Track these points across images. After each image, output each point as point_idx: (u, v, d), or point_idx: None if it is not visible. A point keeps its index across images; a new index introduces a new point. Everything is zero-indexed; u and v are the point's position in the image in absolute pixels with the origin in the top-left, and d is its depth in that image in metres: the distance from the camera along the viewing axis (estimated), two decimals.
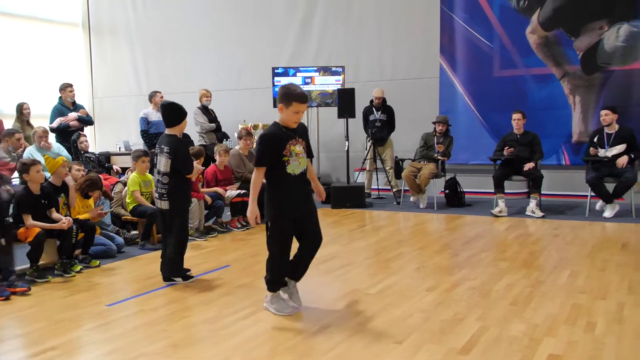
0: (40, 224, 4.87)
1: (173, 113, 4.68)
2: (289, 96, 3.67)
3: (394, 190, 9.02)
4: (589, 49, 8.74)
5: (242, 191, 7.11)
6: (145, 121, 8.83)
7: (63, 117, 8.38)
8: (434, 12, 9.70)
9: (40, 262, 4.90)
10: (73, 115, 8.43)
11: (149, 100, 9.08)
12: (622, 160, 7.15)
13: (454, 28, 9.59)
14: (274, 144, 3.67)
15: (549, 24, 8.99)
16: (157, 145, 4.74)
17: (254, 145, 9.31)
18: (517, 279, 4.54)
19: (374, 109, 9.25)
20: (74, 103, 8.66)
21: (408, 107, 9.75)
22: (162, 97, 8.83)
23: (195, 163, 5.07)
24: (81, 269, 5.11)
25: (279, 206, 3.73)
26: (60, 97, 8.58)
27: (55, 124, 8.35)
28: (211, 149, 8.02)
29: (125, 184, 6.51)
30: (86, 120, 8.65)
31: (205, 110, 9.34)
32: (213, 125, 9.35)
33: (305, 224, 3.84)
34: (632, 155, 7.19)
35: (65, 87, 8.58)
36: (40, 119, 9.00)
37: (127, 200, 6.30)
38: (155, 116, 8.76)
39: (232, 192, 7.09)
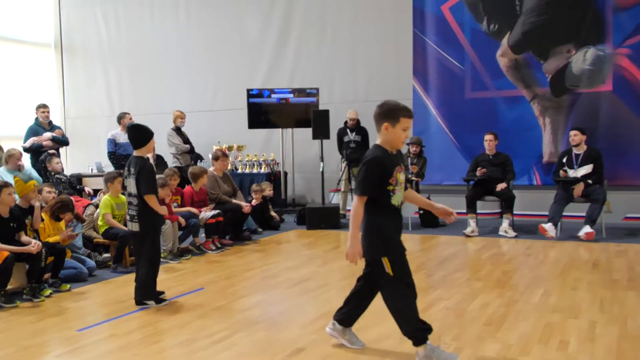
0: (9, 247, 4.77)
1: (139, 134, 4.67)
2: (395, 111, 3.21)
3: None
4: (557, 71, 8.92)
5: (217, 211, 7.08)
6: (112, 143, 8.73)
7: (37, 137, 8.28)
8: (406, 34, 9.82)
9: (9, 287, 4.80)
10: (47, 135, 8.33)
11: (117, 122, 9.00)
12: (579, 190, 7.26)
13: (427, 50, 9.71)
14: (382, 170, 3.15)
15: (519, 47, 9.17)
16: (125, 168, 4.73)
17: (229, 167, 9.36)
18: (491, 299, 4.56)
19: (348, 130, 9.28)
20: (50, 123, 8.58)
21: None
22: (130, 119, 8.77)
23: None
24: (51, 293, 5.01)
25: (391, 241, 3.17)
26: (36, 118, 8.51)
27: (28, 144, 8.23)
28: (186, 170, 7.99)
29: (97, 206, 6.42)
30: (61, 141, 8.54)
31: (179, 131, 9.33)
32: (187, 146, 9.33)
33: None
34: (594, 177, 7.27)
35: (39, 107, 8.52)
36: (12, 140, 8.87)
37: (99, 222, 6.21)
38: (124, 138, 8.66)
39: (206, 213, 7.04)
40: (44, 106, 8.57)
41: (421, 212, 8.46)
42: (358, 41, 10.28)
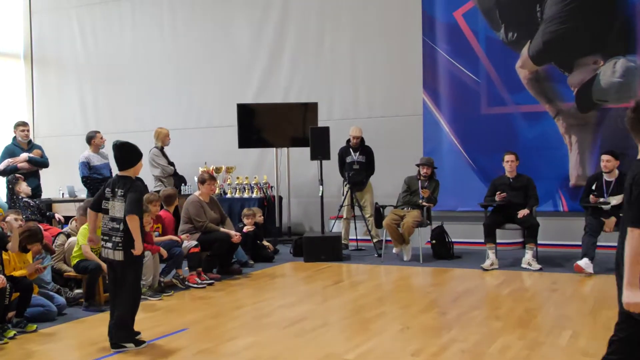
0: None
1: (129, 154, 4.72)
2: None
3: (375, 240, 9.00)
4: (583, 85, 8.95)
5: (194, 242, 7.07)
6: (86, 166, 8.62)
7: (12, 158, 8.28)
8: (415, 44, 9.89)
9: None
10: (23, 156, 8.31)
11: (87, 142, 8.85)
12: (610, 225, 7.16)
13: (438, 61, 9.77)
14: None
15: (540, 57, 9.22)
16: (107, 189, 4.72)
17: (217, 191, 9.37)
18: (512, 340, 4.52)
19: (351, 149, 9.31)
20: (29, 142, 8.58)
21: (388, 147, 9.87)
22: (102, 138, 8.78)
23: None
24: (15, 334, 4.96)
25: None
26: (14, 137, 8.51)
27: (2, 166, 8.23)
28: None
29: (68, 236, 6.38)
30: (39, 162, 8.50)
31: (163, 152, 9.38)
32: (172, 168, 9.39)
33: None
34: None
35: (18, 125, 8.51)
36: None
37: (73, 253, 6.15)
38: (97, 159, 8.66)
39: (189, 242, 7.03)
40: (24, 124, 8.56)
41: (433, 241, 8.45)
42: (360, 51, 10.38)
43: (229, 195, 10.23)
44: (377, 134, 9.82)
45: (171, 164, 9.46)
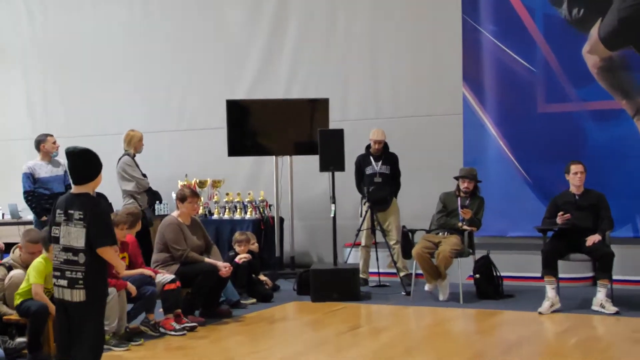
0: None
1: (88, 164, 4.69)
2: None
3: (402, 275, 8.99)
4: None
5: (171, 276, 7.00)
6: (30, 178, 8.63)
7: None
8: (452, 23, 9.90)
9: None
10: None
11: (35, 148, 8.88)
12: None
13: (482, 46, 9.77)
14: None
15: (614, 40, 9.18)
16: (57, 211, 4.69)
17: (200, 211, 9.42)
18: None
19: (371, 158, 9.32)
20: None
21: (418, 155, 9.83)
22: (54, 144, 8.80)
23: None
24: None
25: None
26: None
27: None
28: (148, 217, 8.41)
29: (9, 268, 6.31)
30: None
31: (135, 161, 9.25)
32: (148, 181, 9.31)
33: None
34: None
35: None
36: None
37: (19, 290, 6.05)
38: (46, 170, 8.66)
39: (165, 276, 6.98)
40: None
41: (477, 276, 8.42)
42: (382, 33, 10.40)
43: (215, 216, 10.23)
44: (404, 139, 9.77)
45: (144, 176, 9.37)
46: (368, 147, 9.36)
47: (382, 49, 10.39)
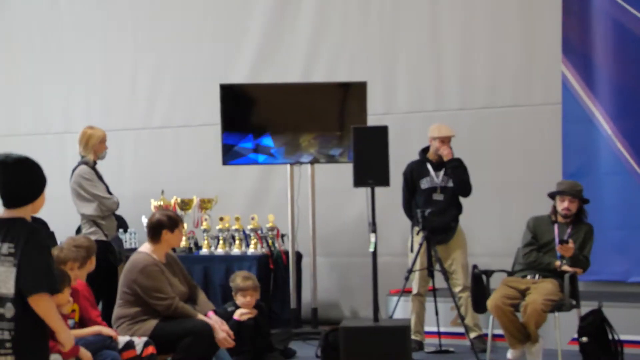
0: None
1: (27, 178, 4.78)
2: None
3: (472, 336, 8.98)
4: None
5: (144, 338, 7.05)
6: None
7: None
8: None
9: None
10: None
11: None
12: None
13: (591, 3, 9.79)
14: None
15: None
16: None
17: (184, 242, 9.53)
18: None
19: (429, 166, 9.35)
20: None
21: (496, 164, 9.92)
22: None
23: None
24: None
25: None
26: None
27: None
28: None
29: None
30: None
31: (96, 170, 9.38)
32: (117, 200, 9.41)
33: None
34: None
35: None
36: None
37: None
38: None
39: (133, 339, 7.03)
40: None
41: (583, 339, 8.23)
42: None
43: (205, 251, 10.26)
44: (474, 140, 9.94)
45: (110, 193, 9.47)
46: (424, 150, 9.35)
47: (444, 14, 10.47)
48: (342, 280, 10.89)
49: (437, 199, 9.24)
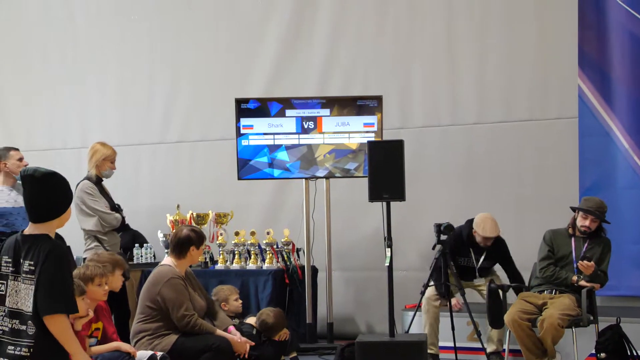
0: None
1: (54, 193, 4.84)
2: None
3: (489, 350, 8.97)
4: None
5: (160, 353, 7.04)
6: None
7: None
8: None
9: None
10: None
11: None
12: None
13: (607, 15, 9.76)
14: None
15: None
16: (4, 258, 4.86)
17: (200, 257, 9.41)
18: None
19: (470, 249, 9.37)
20: None
21: (511, 178, 9.95)
22: (21, 160, 9.09)
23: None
24: None
25: None
26: None
27: None
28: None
29: None
30: None
31: (101, 187, 9.46)
32: (119, 216, 9.44)
33: None
34: None
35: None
36: None
37: None
38: (7, 198, 8.96)
39: (152, 354, 7.02)
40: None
41: (602, 355, 8.19)
42: (460, 4, 10.56)
43: (220, 266, 10.23)
44: (490, 153, 10.02)
45: (117, 208, 9.50)
46: (468, 229, 9.28)
47: (460, 24, 10.48)
48: (357, 295, 10.92)
49: (478, 283, 9.31)
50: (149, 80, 11.89)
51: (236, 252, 10.34)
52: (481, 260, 9.28)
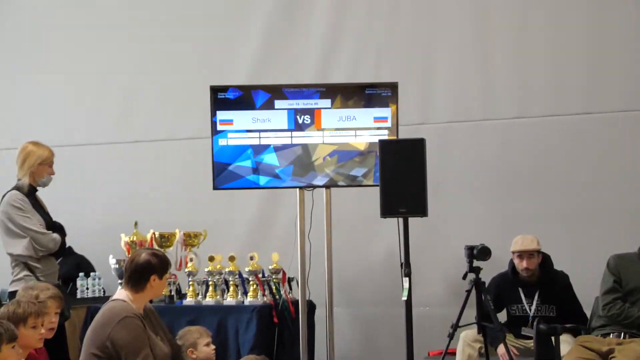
0: None
1: None
2: None
3: None
4: None
5: None
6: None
7: None
8: None
9: None
10: None
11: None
12: None
13: None
14: None
15: None
16: None
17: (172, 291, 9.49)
18: None
19: (520, 290, 8.63)
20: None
21: (565, 188, 9.49)
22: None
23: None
24: None
25: None
26: None
27: None
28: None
29: None
30: None
31: (35, 199, 8.89)
32: (57, 236, 8.78)
33: None
34: None
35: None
36: None
37: None
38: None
39: None
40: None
41: None
42: None
43: (190, 300, 9.44)
44: (538, 158, 9.57)
45: (54, 225, 8.83)
46: (512, 262, 8.66)
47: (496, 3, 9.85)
48: (366, 338, 10.12)
49: (528, 333, 8.50)
50: (100, 65, 11.37)
51: (210, 282, 9.59)
52: (535, 301, 8.54)
